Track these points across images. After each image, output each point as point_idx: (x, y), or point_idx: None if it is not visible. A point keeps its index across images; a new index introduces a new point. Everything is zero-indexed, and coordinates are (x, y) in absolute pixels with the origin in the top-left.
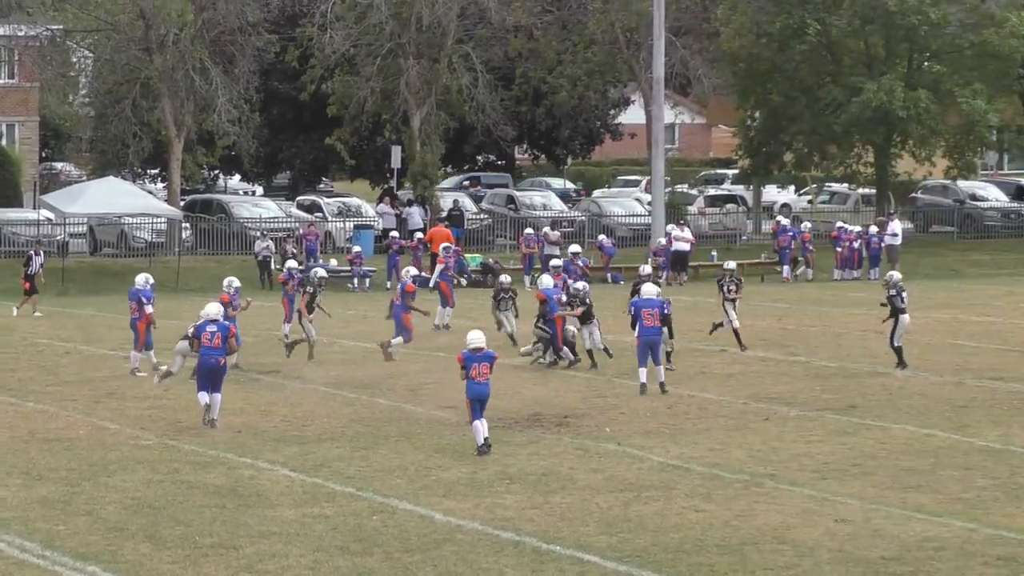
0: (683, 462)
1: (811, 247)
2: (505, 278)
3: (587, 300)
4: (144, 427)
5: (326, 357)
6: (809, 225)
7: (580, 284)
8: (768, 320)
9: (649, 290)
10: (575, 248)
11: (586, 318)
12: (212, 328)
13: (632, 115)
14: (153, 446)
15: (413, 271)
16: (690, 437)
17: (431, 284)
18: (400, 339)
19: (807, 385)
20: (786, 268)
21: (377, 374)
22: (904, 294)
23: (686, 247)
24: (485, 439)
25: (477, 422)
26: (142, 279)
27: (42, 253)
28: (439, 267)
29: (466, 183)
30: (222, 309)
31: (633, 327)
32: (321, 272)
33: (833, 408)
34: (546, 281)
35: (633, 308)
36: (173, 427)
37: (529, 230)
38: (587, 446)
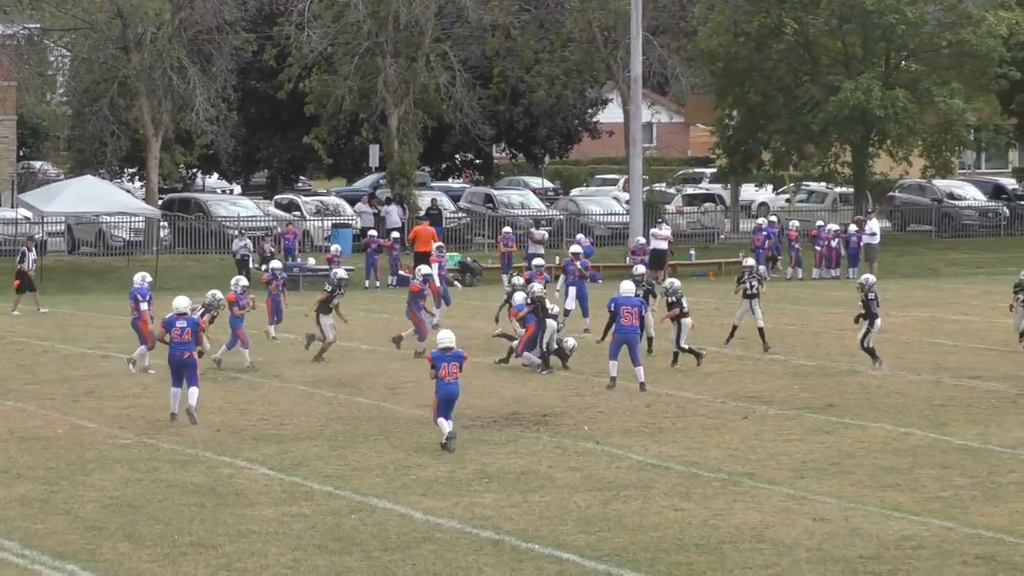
0: (662, 461)
1: (798, 245)
2: (517, 279)
3: (536, 301)
4: (122, 426)
5: (304, 356)
6: (797, 223)
7: (536, 286)
8: (746, 319)
9: (627, 287)
10: (576, 248)
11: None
12: (181, 323)
13: (610, 114)
14: (131, 445)
15: (425, 270)
16: (669, 436)
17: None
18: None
19: (785, 384)
20: (761, 268)
21: (355, 372)
22: (877, 297)
23: (664, 245)
24: (450, 434)
25: (442, 419)
26: (139, 277)
27: (34, 249)
28: (434, 267)
29: (381, 180)
30: (191, 302)
31: (609, 326)
32: (341, 273)
33: (811, 407)
34: (519, 298)
35: (613, 304)
36: (152, 426)
37: (507, 229)
38: (566, 445)
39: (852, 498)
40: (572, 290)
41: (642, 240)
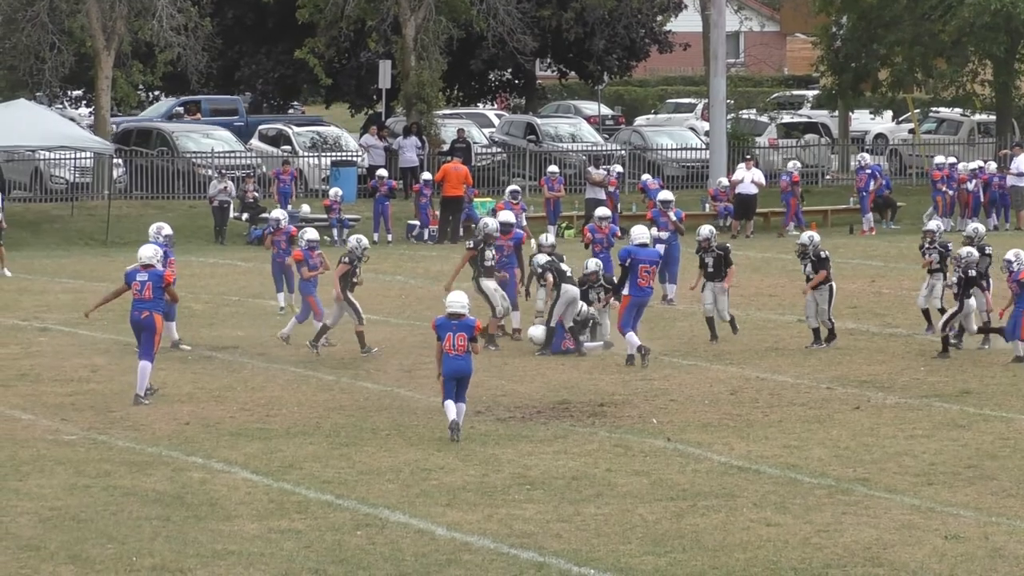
0: (751, 463)
1: (944, 188)
2: (594, 263)
3: (547, 267)
4: (66, 418)
5: (297, 328)
6: (943, 160)
7: (541, 257)
8: (859, 282)
9: (641, 233)
10: (666, 195)
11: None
12: (142, 277)
13: (685, 21)
14: (77, 442)
15: (507, 215)
16: (760, 431)
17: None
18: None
19: (908, 365)
20: (867, 217)
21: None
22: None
23: (753, 190)
24: (455, 423)
25: (450, 402)
26: (154, 229)
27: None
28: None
29: (179, 108)
30: (158, 252)
31: (623, 283)
32: (492, 225)
33: (942, 394)
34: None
35: (628, 259)
36: (103, 418)
37: (553, 168)
38: (629, 442)
39: (993, 510)
40: (662, 248)
41: (725, 182)
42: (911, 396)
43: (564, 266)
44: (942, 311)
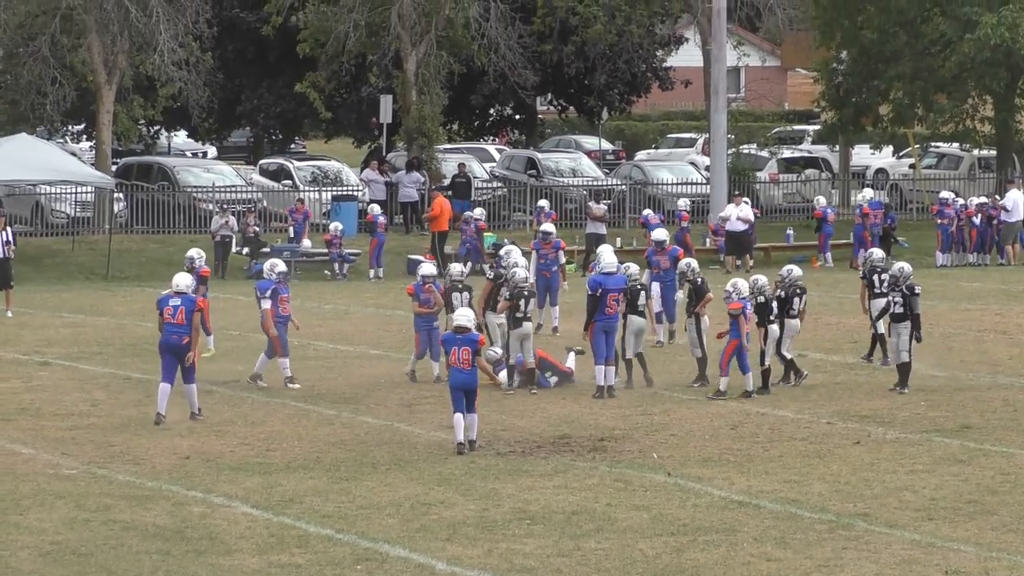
0: (751, 497)
1: (945, 222)
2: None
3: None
4: (66, 452)
5: (297, 364)
6: (980, 201)
7: (520, 272)
8: (858, 317)
9: (610, 260)
10: (661, 234)
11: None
12: (175, 302)
13: (686, 56)
14: (78, 476)
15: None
16: (760, 466)
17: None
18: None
19: (909, 400)
20: (862, 252)
21: (362, 385)
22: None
23: (741, 227)
24: (466, 440)
25: (459, 415)
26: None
27: (8, 229)
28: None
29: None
30: (192, 281)
31: (591, 314)
32: (520, 275)
33: (942, 429)
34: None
35: (599, 289)
36: (103, 452)
37: (543, 202)
38: (629, 477)
39: (994, 545)
40: (657, 287)
41: (726, 216)
42: (911, 431)
43: (642, 297)
44: (906, 365)
